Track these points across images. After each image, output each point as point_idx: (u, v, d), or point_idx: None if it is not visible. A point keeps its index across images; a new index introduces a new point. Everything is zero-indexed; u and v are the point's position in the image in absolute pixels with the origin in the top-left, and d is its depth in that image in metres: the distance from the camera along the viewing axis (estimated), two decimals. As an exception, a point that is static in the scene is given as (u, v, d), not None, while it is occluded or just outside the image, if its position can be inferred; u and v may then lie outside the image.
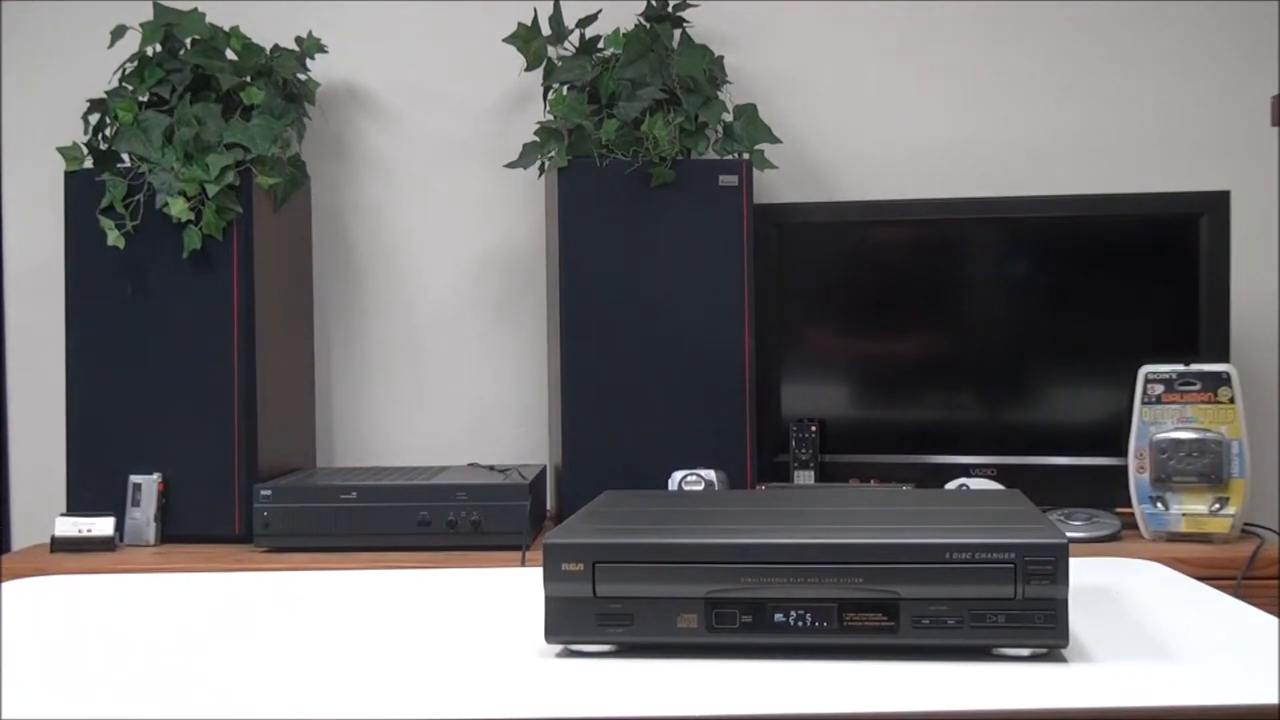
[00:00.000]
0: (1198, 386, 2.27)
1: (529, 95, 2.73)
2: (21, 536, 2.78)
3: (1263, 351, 2.67)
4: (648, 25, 2.52)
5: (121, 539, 2.38)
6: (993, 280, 2.53)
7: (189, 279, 2.40)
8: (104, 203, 2.37)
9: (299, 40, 2.59)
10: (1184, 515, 2.25)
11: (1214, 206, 2.41)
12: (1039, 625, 1.08)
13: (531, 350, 2.76)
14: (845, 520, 1.20)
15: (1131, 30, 2.70)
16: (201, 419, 2.39)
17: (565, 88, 2.49)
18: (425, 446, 2.77)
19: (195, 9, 2.49)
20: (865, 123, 2.73)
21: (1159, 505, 2.26)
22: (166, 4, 2.52)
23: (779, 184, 2.71)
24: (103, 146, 2.43)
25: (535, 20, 2.52)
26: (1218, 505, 2.24)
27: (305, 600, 1.42)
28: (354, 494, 2.30)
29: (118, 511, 2.37)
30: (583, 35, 2.53)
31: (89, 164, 2.44)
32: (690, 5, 2.58)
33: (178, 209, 2.34)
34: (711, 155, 2.50)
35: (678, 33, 2.54)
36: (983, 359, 2.52)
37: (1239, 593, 2.09)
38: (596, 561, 1.12)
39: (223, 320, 2.40)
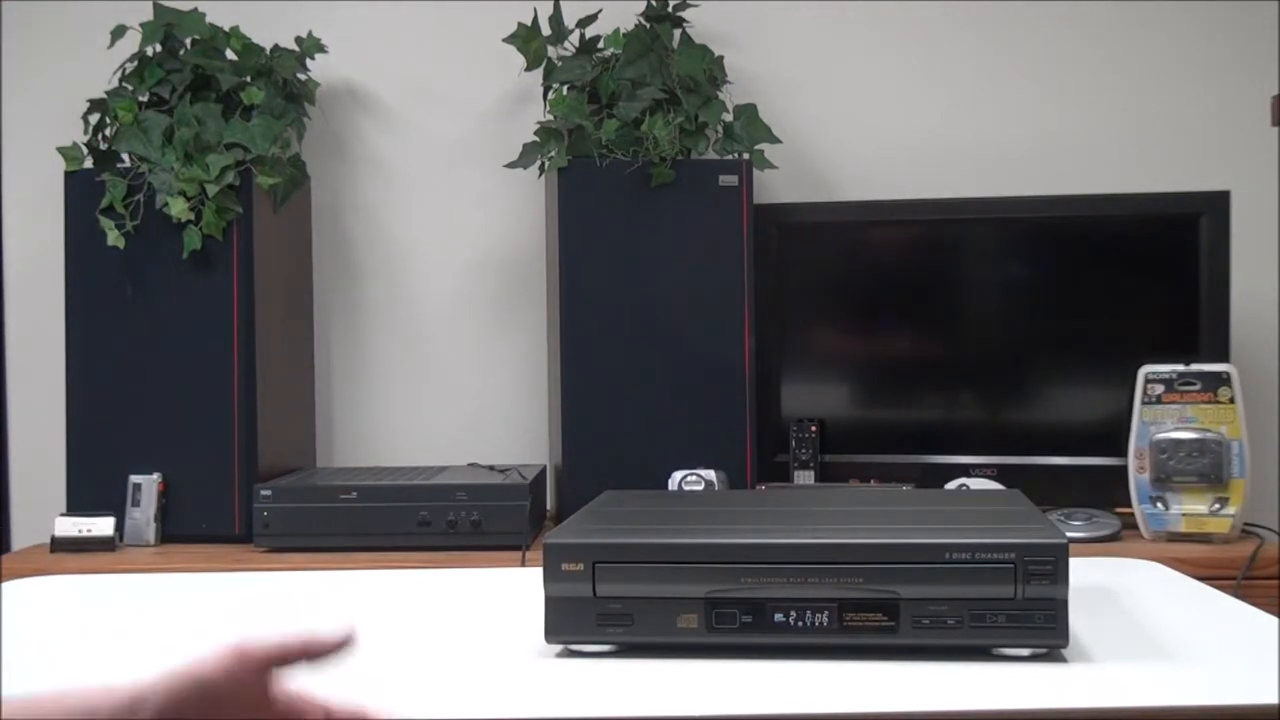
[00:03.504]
0: (1198, 386, 2.27)
1: (529, 95, 2.73)
2: (21, 536, 2.77)
3: (1263, 351, 2.67)
4: (648, 25, 2.52)
5: (121, 539, 2.37)
6: (993, 280, 2.53)
7: (189, 279, 2.40)
8: (104, 203, 2.37)
9: (299, 40, 2.59)
10: (1184, 515, 2.25)
11: (1214, 206, 2.41)
12: (1039, 625, 1.08)
13: (531, 350, 2.76)
14: (845, 520, 1.20)
15: (1131, 30, 2.70)
16: (201, 419, 2.39)
17: (565, 88, 2.49)
18: (425, 446, 2.77)
19: (195, 9, 2.49)
20: (865, 123, 2.73)
21: (1159, 505, 2.26)
22: (166, 4, 2.52)
23: (779, 184, 2.71)
24: (103, 146, 2.43)
25: (535, 20, 2.52)
26: (1218, 505, 2.24)
27: (305, 600, 1.42)
28: (354, 494, 2.30)
29: (118, 511, 2.37)
30: (583, 35, 2.53)
31: (89, 164, 2.44)
32: (690, 5, 2.57)
33: (178, 209, 2.34)
34: (711, 155, 2.50)
35: (678, 33, 2.54)
36: (983, 359, 2.52)
37: (1239, 593, 2.08)
38: (596, 561, 1.12)
39: (223, 320, 2.39)
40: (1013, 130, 2.71)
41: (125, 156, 2.42)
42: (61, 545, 2.34)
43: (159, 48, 2.46)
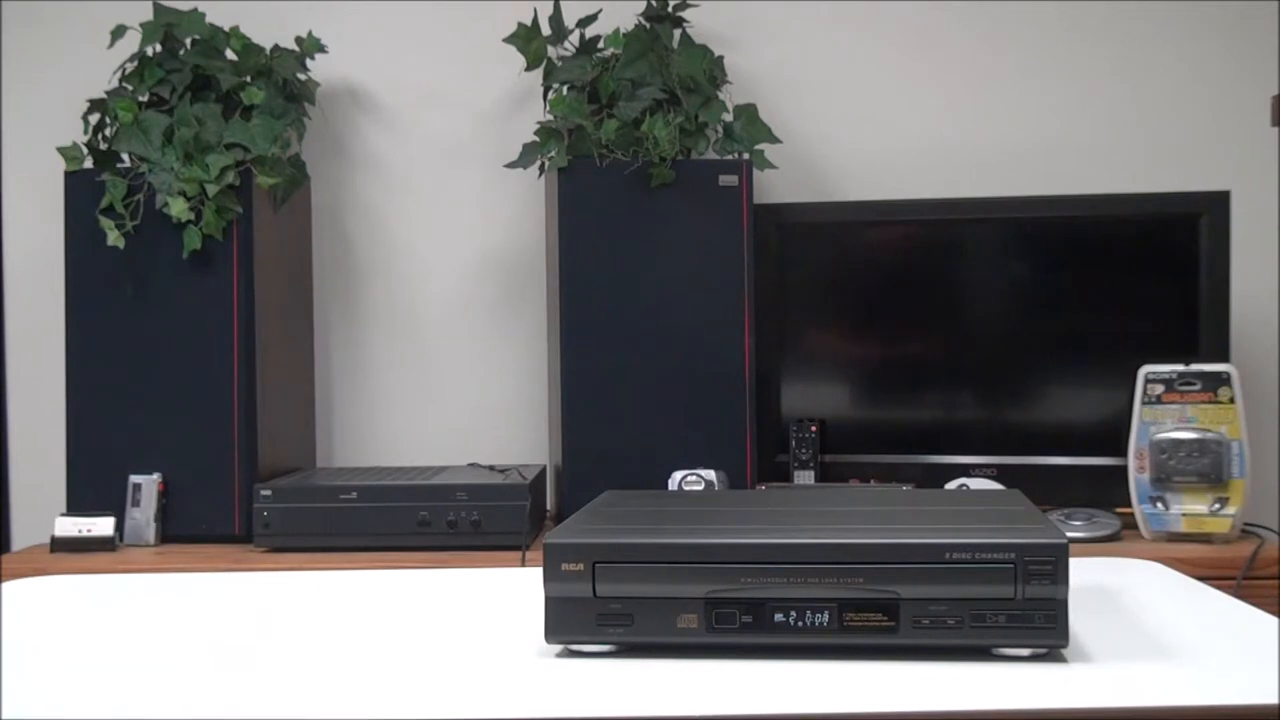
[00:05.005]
0: (1198, 386, 2.27)
1: (529, 95, 2.73)
2: (21, 536, 2.78)
3: (1263, 351, 2.67)
4: (648, 25, 2.52)
5: (121, 539, 2.38)
6: (992, 280, 2.53)
7: (189, 279, 2.40)
8: (104, 203, 2.37)
9: (299, 40, 2.59)
10: (1184, 515, 2.25)
11: (1214, 206, 2.41)
12: (1039, 625, 1.08)
13: (531, 350, 2.76)
14: (845, 520, 1.20)
15: (1131, 30, 2.70)
16: (201, 419, 2.39)
17: (565, 88, 2.49)
18: (425, 446, 2.77)
19: (195, 9, 2.49)
20: (865, 123, 2.73)
21: (1159, 505, 2.26)
22: (166, 4, 2.52)
23: (779, 184, 2.71)
24: (103, 146, 2.43)
25: (535, 20, 2.52)
26: (1218, 505, 2.24)
27: (305, 600, 1.42)
28: (354, 494, 2.30)
29: (118, 511, 2.37)
30: (583, 35, 2.53)
31: (89, 164, 2.44)
32: (690, 5, 2.58)
33: (178, 209, 2.34)
34: (711, 155, 2.50)
35: (678, 33, 2.54)
36: (983, 359, 2.52)
37: (1239, 593, 2.09)
38: (596, 561, 1.12)
39: (223, 320, 2.40)
40: (1013, 130, 2.71)
41: (125, 156, 2.42)
42: (61, 545, 2.34)
43: (159, 48, 2.46)
